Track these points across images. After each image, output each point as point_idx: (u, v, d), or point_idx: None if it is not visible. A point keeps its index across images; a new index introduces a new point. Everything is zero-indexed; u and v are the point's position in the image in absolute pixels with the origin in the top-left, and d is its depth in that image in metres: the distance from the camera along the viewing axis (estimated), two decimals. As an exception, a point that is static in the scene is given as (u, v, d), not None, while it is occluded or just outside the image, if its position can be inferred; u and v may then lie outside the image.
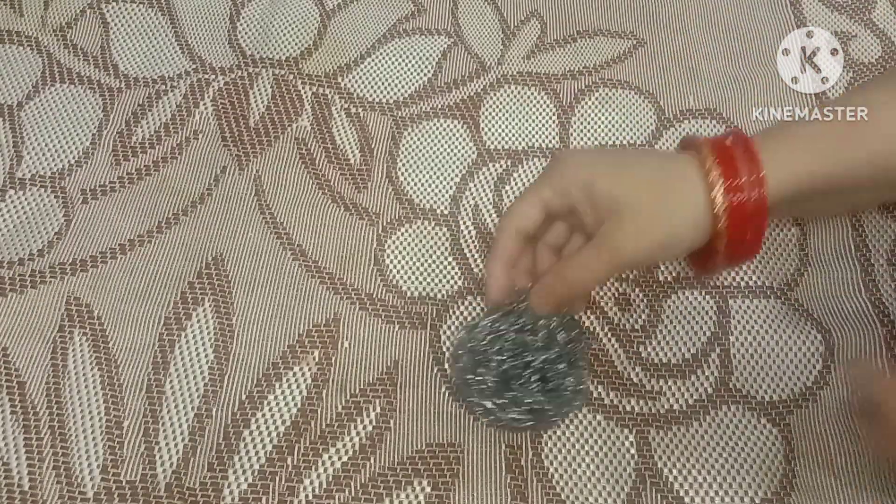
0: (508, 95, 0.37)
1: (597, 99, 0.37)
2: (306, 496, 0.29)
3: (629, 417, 0.30)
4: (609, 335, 0.32)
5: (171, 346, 0.31)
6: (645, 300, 0.33)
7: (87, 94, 0.37)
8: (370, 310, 0.32)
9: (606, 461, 0.30)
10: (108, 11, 0.40)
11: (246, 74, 0.38)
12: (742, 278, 0.33)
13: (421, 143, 0.36)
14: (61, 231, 0.34)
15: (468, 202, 0.35)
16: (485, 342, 0.27)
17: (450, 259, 0.34)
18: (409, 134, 0.36)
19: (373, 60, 0.38)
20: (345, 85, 0.38)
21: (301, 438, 0.30)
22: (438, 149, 0.36)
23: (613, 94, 0.37)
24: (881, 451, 0.29)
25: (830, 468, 0.30)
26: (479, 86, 0.38)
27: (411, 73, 0.38)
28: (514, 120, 0.37)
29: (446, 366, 0.31)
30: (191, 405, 0.30)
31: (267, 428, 0.30)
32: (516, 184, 0.35)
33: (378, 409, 0.30)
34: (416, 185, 0.35)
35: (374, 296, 0.33)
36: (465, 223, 0.34)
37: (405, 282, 0.33)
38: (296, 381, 0.31)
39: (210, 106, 0.37)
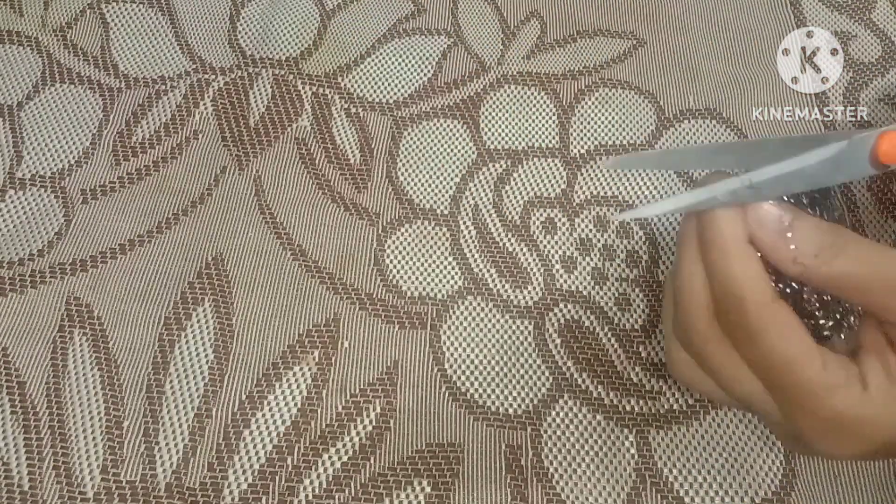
0: (508, 95, 0.37)
1: (597, 99, 0.37)
2: (306, 496, 0.29)
3: (629, 417, 0.30)
4: (609, 335, 0.32)
5: (171, 346, 0.31)
6: (645, 300, 0.33)
7: (87, 94, 0.37)
8: (370, 310, 0.32)
9: (606, 461, 0.30)
10: (108, 11, 0.40)
11: (246, 74, 0.38)
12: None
13: (421, 143, 0.36)
14: (61, 231, 0.34)
15: (468, 202, 0.35)
16: None
17: (450, 259, 0.34)
18: (409, 134, 0.36)
19: (373, 60, 0.38)
20: (345, 85, 0.38)
21: (301, 438, 0.30)
22: (438, 149, 0.36)
23: (613, 94, 0.37)
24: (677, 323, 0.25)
25: (830, 468, 0.30)
26: (479, 86, 0.38)
27: (411, 73, 0.38)
28: (514, 120, 0.37)
29: (446, 366, 0.31)
30: (191, 405, 0.30)
31: (267, 428, 0.30)
32: (516, 184, 0.35)
33: (378, 409, 0.30)
34: (416, 185, 0.35)
35: (374, 296, 0.33)
36: (465, 223, 0.34)
37: (405, 282, 0.33)
38: (296, 381, 0.31)
39: (210, 106, 0.37)
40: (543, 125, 0.37)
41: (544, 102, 0.37)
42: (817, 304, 0.24)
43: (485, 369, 0.31)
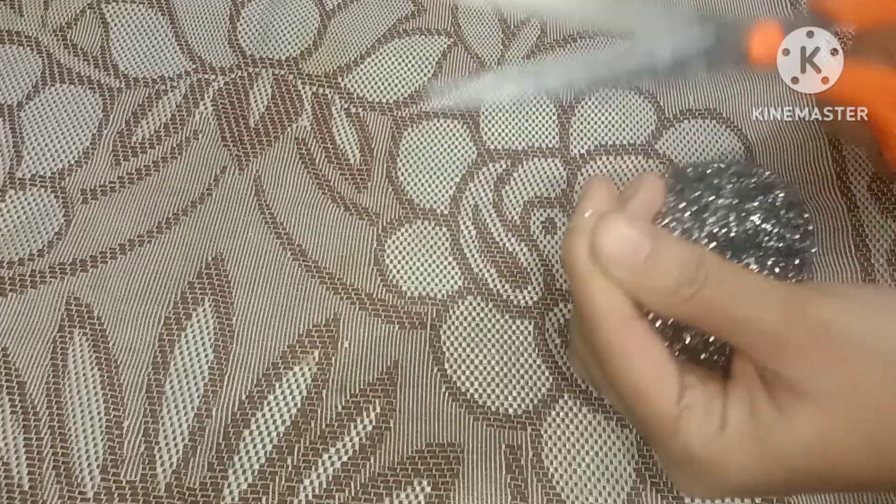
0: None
1: (597, 99, 0.37)
2: (306, 496, 0.29)
3: (629, 417, 0.30)
4: (609, 335, 0.32)
5: (171, 346, 0.31)
6: (645, 300, 0.33)
7: (87, 94, 0.37)
8: (370, 310, 0.32)
9: (606, 461, 0.30)
10: (108, 11, 0.40)
11: (246, 74, 0.38)
12: (742, 278, 0.33)
13: (421, 143, 0.36)
14: (61, 231, 0.34)
15: (468, 202, 0.35)
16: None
17: (450, 259, 0.34)
18: (409, 134, 0.36)
19: (373, 60, 0.38)
20: (345, 85, 0.38)
21: (301, 438, 0.30)
22: (438, 149, 0.36)
23: (613, 94, 0.37)
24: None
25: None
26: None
27: (411, 73, 0.38)
28: (514, 120, 0.37)
29: (446, 366, 0.31)
30: (191, 405, 0.30)
31: (267, 428, 0.30)
32: (516, 184, 0.35)
33: (378, 409, 0.30)
34: (416, 185, 0.35)
35: (374, 296, 0.33)
36: (464, 223, 0.34)
37: (405, 282, 0.33)
38: (296, 381, 0.31)
39: (210, 106, 0.37)
40: (543, 125, 0.37)
41: (544, 102, 0.37)
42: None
43: (485, 369, 0.31)
